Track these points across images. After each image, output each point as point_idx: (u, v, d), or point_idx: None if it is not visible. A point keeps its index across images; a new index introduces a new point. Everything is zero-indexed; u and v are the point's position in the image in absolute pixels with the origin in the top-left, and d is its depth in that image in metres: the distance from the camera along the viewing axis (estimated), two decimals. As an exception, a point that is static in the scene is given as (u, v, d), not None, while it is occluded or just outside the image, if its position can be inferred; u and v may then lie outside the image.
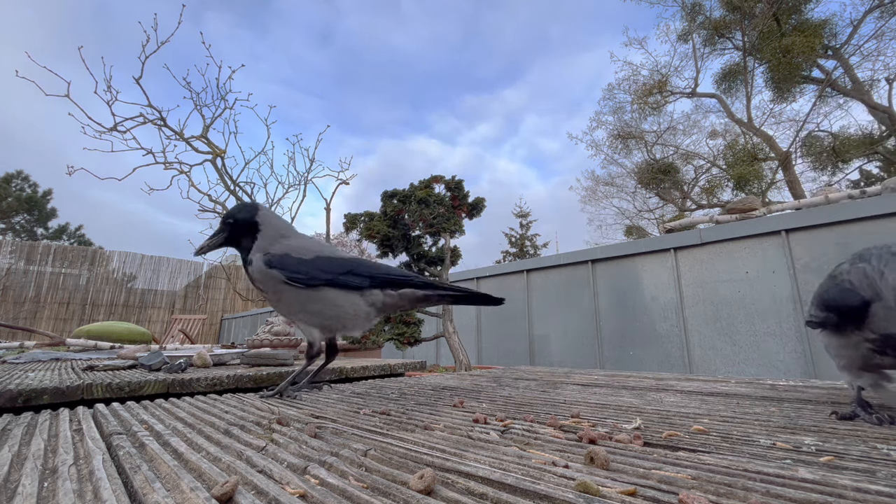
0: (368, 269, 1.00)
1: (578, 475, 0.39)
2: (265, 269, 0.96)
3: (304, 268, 0.95)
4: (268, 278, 0.96)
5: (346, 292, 0.97)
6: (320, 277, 0.95)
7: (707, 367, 3.02)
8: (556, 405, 0.82)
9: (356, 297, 0.98)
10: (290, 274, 0.94)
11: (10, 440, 0.57)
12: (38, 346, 2.63)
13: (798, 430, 0.58)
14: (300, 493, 0.37)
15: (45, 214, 16.61)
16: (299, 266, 0.95)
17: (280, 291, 0.97)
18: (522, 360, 4.23)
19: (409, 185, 4.28)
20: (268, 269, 0.95)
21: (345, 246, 12.17)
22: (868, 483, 0.36)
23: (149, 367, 1.41)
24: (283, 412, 0.76)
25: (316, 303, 0.96)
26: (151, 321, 9.94)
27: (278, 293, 0.97)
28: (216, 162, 4.13)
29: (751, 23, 10.98)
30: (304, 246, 1.01)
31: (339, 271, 0.97)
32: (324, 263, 0.98)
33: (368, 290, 0.99)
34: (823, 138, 11.27)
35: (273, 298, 0.99)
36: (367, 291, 0.99)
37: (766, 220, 2.98)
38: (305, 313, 0.98)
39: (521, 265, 4.53)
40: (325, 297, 0.96)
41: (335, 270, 0.97)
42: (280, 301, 0.99)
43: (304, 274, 0.95)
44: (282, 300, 0.98)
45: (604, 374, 1.38)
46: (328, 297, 0.96)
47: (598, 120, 14.93)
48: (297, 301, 0.97)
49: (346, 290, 0.97)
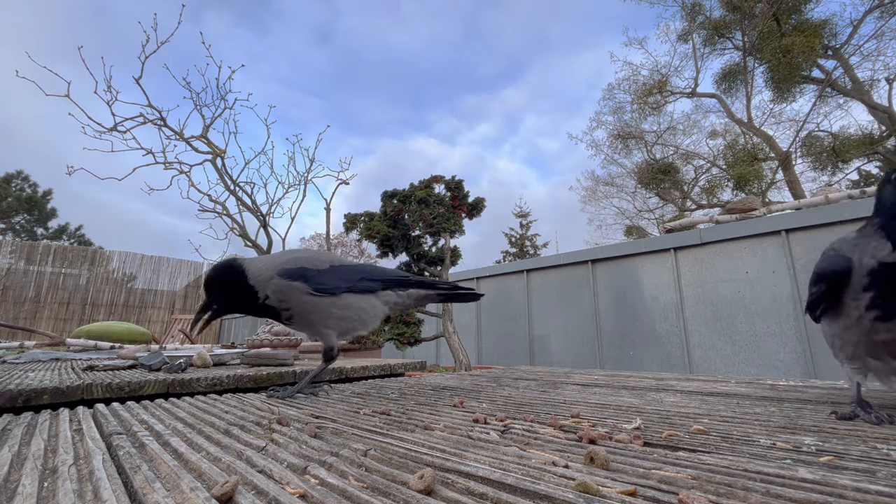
0: (378, 274, 1.09)
1: (578, 475, 0.39)
2: (288, 282, 0.98)
3: (323, 278, 1.01)
4: (292, 292, 0.98)
5: (364, 296, 1.05)
6: (341, 286, 1.02)
7: (707, 367, 3.02)
8: (556, 405, 0.82)
9: (373, 299, 1.06)
10: (315, 285, 0.99)
11: (10, 440, 0.57)
12: (38, 346, 2.63)
13: (798, 430, 0.58)
14: (300, 493, 0.37)
15: (45, 214, 16.61)
16: (320, 276, 1.01)
17: (304, 303, 1.00)
18: (522, 360, 4.23)
19: (409, 185, 4.28)
20: (291, 281, 0.98)
21: (345, 246, 12.07)
22: (868, 483, 0.36)
23: (149, 367, 1.41)
24: (283, 412, 0.76)
25: (341, 309, 1.02)
26: (151, 321, 9.94)
27: (302, 305, 1.00)
28: (216, 162, 4.13)
29: (751, 23, 10.98)
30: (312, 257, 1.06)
31: (355, 278, 1.05)
32: (341, 272, 1.04)
33: (382, 292, 1.08)
34: (823, 138, 11.26)
35: (297, 311, 1.01)
36: (380, 293, 1.07)
37: (766, 220, 2.98)
38: (332, 319, 1.02)
39: (521, 265, 4.53)
40: (349, 304, 1.03)
41: (352, 277, 1.04)
42: (305, 312, 1.01)
43: (327, 283, 1.00)
44: (306, 311, 1.01)
45: (604, 374, 1.38)
46: (351, 303, 1.03)
47: (598, 120, 14.94)
48: (322, 310, 1.01)
49: (364, 294, 1.05)
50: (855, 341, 0.68)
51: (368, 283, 1.05)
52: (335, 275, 1.03)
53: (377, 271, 1.11)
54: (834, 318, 0.71)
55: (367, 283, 1.05)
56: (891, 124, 10.05)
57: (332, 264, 1.05)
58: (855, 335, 0.67)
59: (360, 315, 1.04)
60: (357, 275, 1.05)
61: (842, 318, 0.69)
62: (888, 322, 0.63)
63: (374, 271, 1.10)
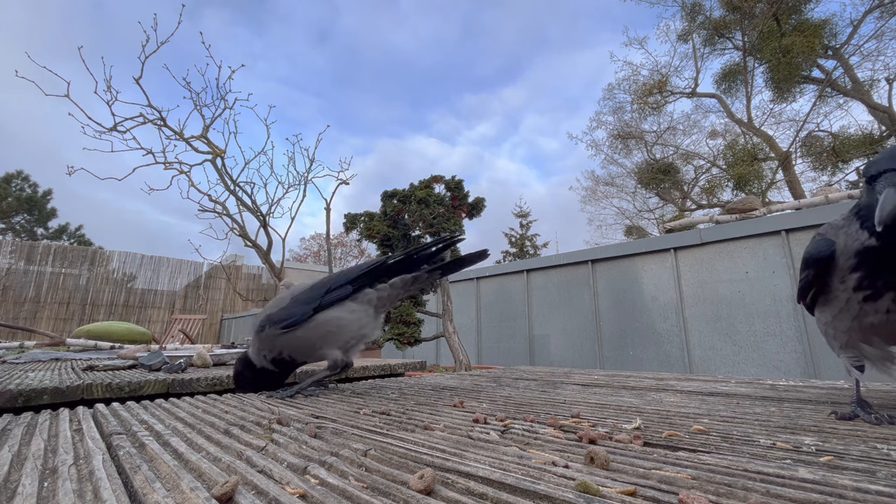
0: (345, 277, 1.04)
1: (578, 475, 0.39)
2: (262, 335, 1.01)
3: (285, 312, 1.01)
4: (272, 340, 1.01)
5: (338, 307, 1.01)
6: (306, 310, 1.00)
7: (707, 367, 3.02)
8: (556, 405, 0.82)
9: (351, 304, 1.02)
10: (281, 324, 0.99)
11: (10, 440, 0.57)
12: (38, 346, 2.63)
13: (798, 430, 0.58)
14: (300, 493, 0.37)
15: (45, 214, 16.60)
16: (282, 313, 1.01)
17: (286, 343, 1.01)
18: (522, 360, 4.23)
19: (408, 185, 4.28)
20: (262, 333, 1.01)
21: (345, 246, 12.06)
22: (868, 483, 0.36)
23: (149, 367, 1.41)
24: (283, 412, 0.76)
25: (317, 329, 1.00)
26: (151, 321, 9.94)
27: (286, 345, 1.02)
28: (216, 162, 4.13)
29: (751, 23, 10.98)
30: (277, 301, 1.07)
31: (318, 295, 1.01)
32: (302, 297, 1.03)
33: (359, 293, 1.03)
34: (823, 138, 11.26)
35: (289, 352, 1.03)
36: (356, 295, 1.02)
37: (766, 220, 2.98)
38: (319, 341, 1.02)
39: (521, 265, 4.53)
40: (323, 321, 1.00)
41: (315, 296, 1.01)
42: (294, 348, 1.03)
43: (291, 315, 1.00)
44: (294, 347, 1.02)
45: (604, 374, 1.38)
46: (326, 319, 1.00)
47: (598, 120, 14.94)
48: (302, 339, 1.01)
49: (336, 306, 1.01)
50: (846, 328, 0.68)
51: (337, 293, 1.01)
52: (295, 304, 1.02)
53: (343, 274, 1.06)
54: (825, 305, 0.71)
55: (336, 293, 1.01)
56: (891, 124, 10.05)
57: (292, 296, 1.04)
58: (846, 321, 0.67)
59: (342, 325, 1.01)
60: (320, 290, 1.02)
61: (832, 304, 0.69)
62: (876, 302, 0.62)
63: (340, 276, 1.05)
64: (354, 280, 1.03)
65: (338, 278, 1.04)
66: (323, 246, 18.81)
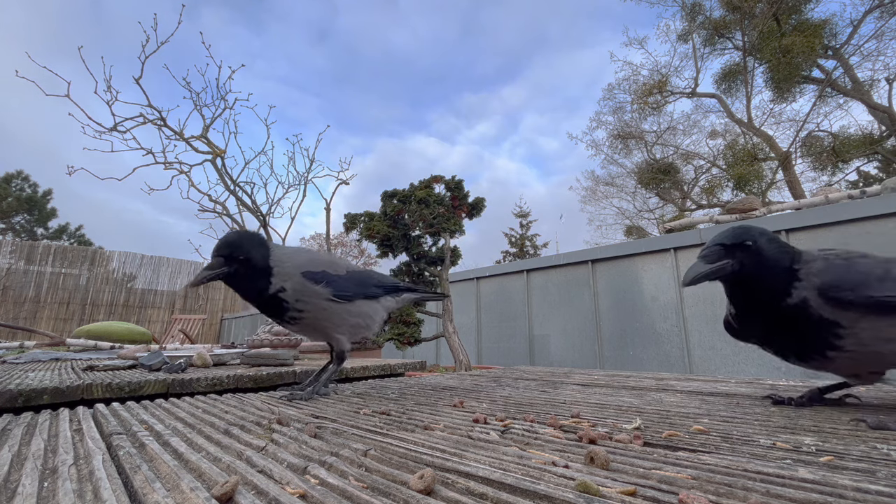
0: (381, 281, 1.13)
1: (578, 475, 0.39)
2: (311, 285, 0.96)
3: (342, 283, 1.02)
4: (314, 295, 0.97)
5: (372, 302, 1.08)
6: (358, 292, 1.04)
7: (707, 367, 3.02)
8: (556, 405, 0.82)
9: (377, 304, 1.09)
10: (336, 291, 1.00)
11: (10, 440, 0.57)
12: (38, 346, 2.63)
13: (798, 430, 0.58)
14: (300, 493, 0.37)
15: (45, 214, 16.60)
16: (339, 282, 1.01)
17: (323, 308, 0.99)
18: (522, 360, 4.23)
19: (408, 185, 4.28)
20: (314, 284, 0.97)
21: (345, 246, 12.09)
22: (868, 483, 0.36)
23: (149, 367, 1.41)
24: (283, 412, 0.76)
25: (354, 316, 1.04)
26: (151, 321, 9.94)
27: (320, 309, 0.99)
28: (216, 162, 4.13)
29: (751, 23, 10.98)
30: (329, 261, 1.07)
31: (368, 284, 1.08)
32: (356, 278, 1.06)
33: (384, 297, 1.11)
34: (823, 138, 11.26)
35: (312, 315, 0.98)
36: (382, 299, 1.11)
37: (766, 220, 2.98)
38: (346, 325, 1.03)
39: (521, 265, 4.53)
40: (361, 310, 1.05)
41: (366, 284, 1.07)
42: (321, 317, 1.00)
43: (346, 290, 1.02)
44: (323, 316, 1.00)
45: (604, 374, 1.38)
46: (363, 310, 1.06)
47: (598, 120, 14.94)
48: (337, 316, 1.01)
49: (372, 300, 1.08)
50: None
51: (376, 290, 1.09)
52: (351, 281, 1.04)
53: (381, 278, 1.15)
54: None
55: (375, 290, 1.09)
56: (891, 124, 10.05)
57: (347, 270, 1.07)
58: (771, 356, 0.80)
59: (367, 321, 1.07)
60: (369, 281, 1.09)
61: None
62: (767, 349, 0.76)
63: (382, 279, 1.14)
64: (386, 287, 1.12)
65: (380, 279, 1.13)
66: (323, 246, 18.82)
